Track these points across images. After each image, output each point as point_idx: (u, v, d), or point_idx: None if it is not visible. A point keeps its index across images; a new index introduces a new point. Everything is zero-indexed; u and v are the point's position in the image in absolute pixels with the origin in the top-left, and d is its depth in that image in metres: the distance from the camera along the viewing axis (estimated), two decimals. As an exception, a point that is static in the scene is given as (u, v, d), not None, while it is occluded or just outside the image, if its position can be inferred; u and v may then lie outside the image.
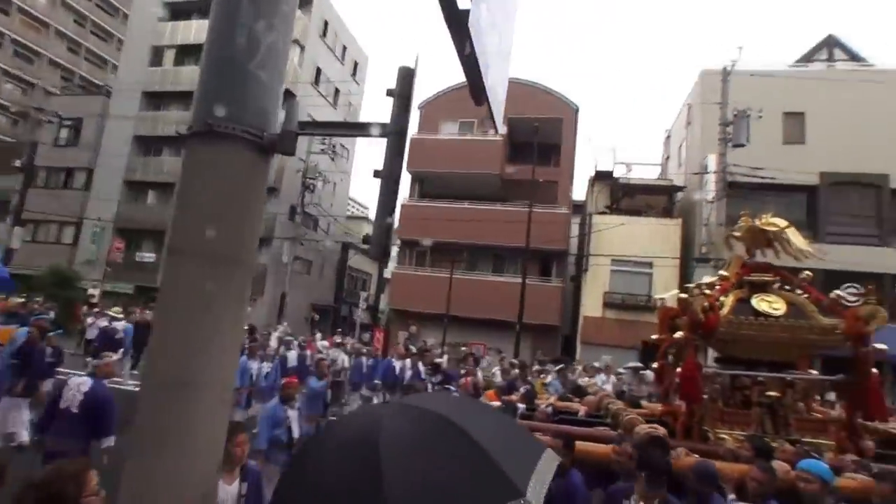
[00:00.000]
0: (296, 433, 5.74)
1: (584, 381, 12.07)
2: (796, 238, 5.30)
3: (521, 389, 8.26)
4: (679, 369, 5.35)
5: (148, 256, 28.43)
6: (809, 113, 20.26)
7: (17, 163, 26.63)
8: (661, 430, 4.36)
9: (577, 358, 20.81)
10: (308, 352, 13.56)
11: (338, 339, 18.45)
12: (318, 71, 30.54)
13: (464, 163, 25.05)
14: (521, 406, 6.35)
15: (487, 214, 24.18)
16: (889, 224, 19.32)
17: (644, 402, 7.50)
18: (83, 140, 30.06)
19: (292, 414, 5.80)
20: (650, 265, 21.00)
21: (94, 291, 24.47)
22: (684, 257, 20.79)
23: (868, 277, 12.33)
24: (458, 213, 24.48)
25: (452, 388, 7.62)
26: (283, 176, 26.91)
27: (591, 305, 21.85)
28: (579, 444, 4.15)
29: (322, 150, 26.98)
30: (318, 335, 19.51)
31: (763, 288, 5.28)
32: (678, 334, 5.28)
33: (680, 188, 23.23)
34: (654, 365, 6.79)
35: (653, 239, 20.97)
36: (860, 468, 4.07)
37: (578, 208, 26.21)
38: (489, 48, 2.70)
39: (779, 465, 3.76)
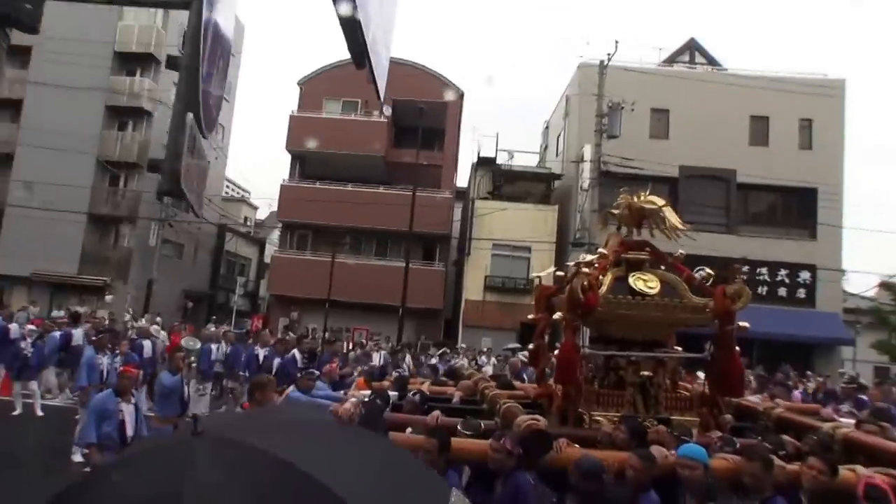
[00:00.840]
0: (129, 431, 5.07)
1: (459, 363, 12.20)
2: (672, 216, 5.30)
3: (394, 374, 7.88)
4: (555, 351, 5.25)
5: (-18, 237, 24.85)
6: (673, 110, 21.86)
7: None
8: (543, 422, 4.19)
9: (459, 341, 21.14)
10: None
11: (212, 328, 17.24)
12: None
13: (347, 143, 24.32)
14: (393, 394, 5.84)
15: (371, 197, 23.74)
16: (735, 214, 21.49)
17: (518, 384, 7.38)
18: None
19: (126, 408, 5.13)
20: (529, 249, 21.73)
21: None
22: (560, 242, 21.75)
23: (717, 261, 13.54)
24: (341, 195, 23.76)
25: (316, 373, 7.16)
26: (147, 151, 24.58)
27: (473, 289, 22.24)
28: (455, 441, 3.81)
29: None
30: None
31: (639, 266, 5.23)
32: (556, 315, 5.11)
33: (558, 176, 24.21)
34: (531, 346, 6.73)
35: (531, 224, 21.69)
36: (725, 444, 4.16)
37: (461, 194, 26.51)
38: (370, 9, 2.52)
39: (657, 451, 3.68)
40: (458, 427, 4.27)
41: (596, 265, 5.14)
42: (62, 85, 23.68)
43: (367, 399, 5.12)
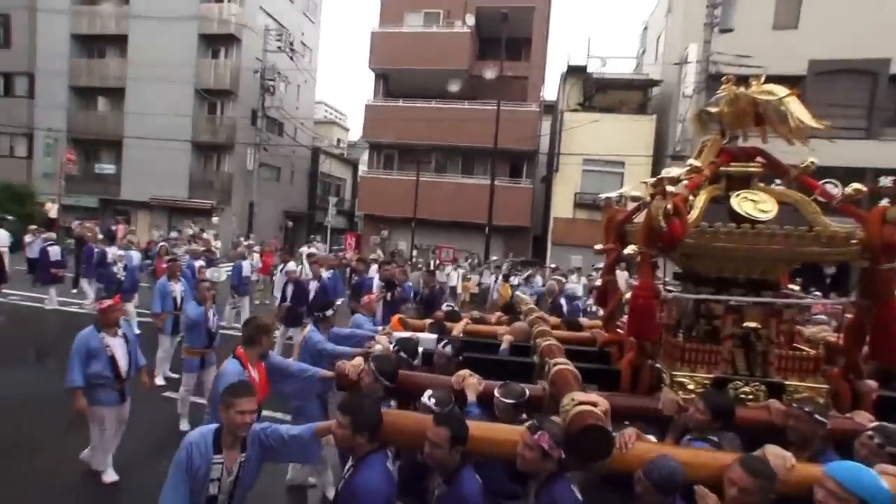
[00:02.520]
0: (122, 365, 4.78)
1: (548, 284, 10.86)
2: (800, 109, 3.65)
3: (444, 307, 6.35)
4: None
5: (108, 168, 27.24)
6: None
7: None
8: (602, 405, 2.73)
9: (548, 259, 20.74)
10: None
11: (309, 249, 18.04)
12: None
13: (430, 58, 23.47)
14: (430, 338, 4.36)
15: (455, 114, 23.03)
16: (881, 114, 18.18)
17: (587, 322, 6.10)
18: (16, 40, 27.60)
19: (114, 341, 4.76)
20: (622, 164, 20.36)
21: (52, 206, 23.47)
22: (657, 156, 20.13)
23: (850, 173, 11.92)
24: (425, 112, 23.29)
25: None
26: (238, 78, 25.24)
27: (562, 206, 21.41)
28: (474, 429, 2.75)
29: (279, 48, 25.13)
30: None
31: (746, 182, 3.88)
32: (629, 249, 3.63)
33: (656, 83, 22.09)
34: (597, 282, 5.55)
35: (625, 137, 20.16)
36: (886, 440, 2.70)
37: (549, 108, 25.09)
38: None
39: (776, 457, 2.54)
40: (495, 394, 3.23)
41: (685, 182, 3.75)
42: (158, 16, 24.62)
43: (395, 346, 4.12)
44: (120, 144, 26.52)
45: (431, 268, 14.72)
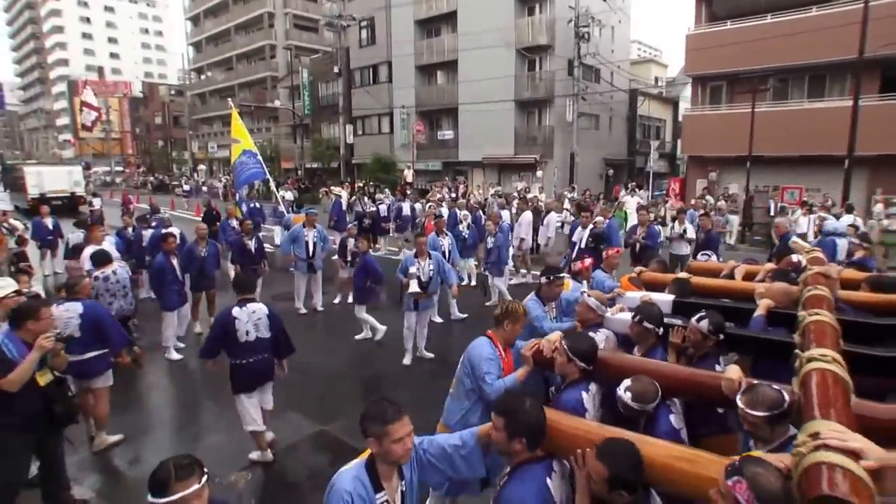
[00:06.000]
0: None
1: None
2: None
3: (700, 257, 5.19)
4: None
5: (448, 134, 31.36)
6: None
7: (336, 69, 31.26)
8: (860, 468, 1.55)
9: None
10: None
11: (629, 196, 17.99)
12: None
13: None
14: (667, 299, 3.64)
15: (799, 25, 19.45)
16: None
17: None
18: (378, 37, 33.42)
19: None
20: None
21: (408, 172, 28.42)
22: None
23: None
24: (758, 31, 20.29)
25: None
26: (554, 30, 25.87)
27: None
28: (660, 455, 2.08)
29: (590, -10, 24.74)
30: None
31: None
32: None
33: None
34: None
35: None
36: None
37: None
38: None
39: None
40: (737, 402, 2.28)
41: None
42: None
43: (635, 315, 3.37)
44: (455, 111, 30.14)
45: (772, 213, 13.25)
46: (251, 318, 4.71)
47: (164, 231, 8.52)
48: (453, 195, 21.21)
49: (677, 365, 3.04)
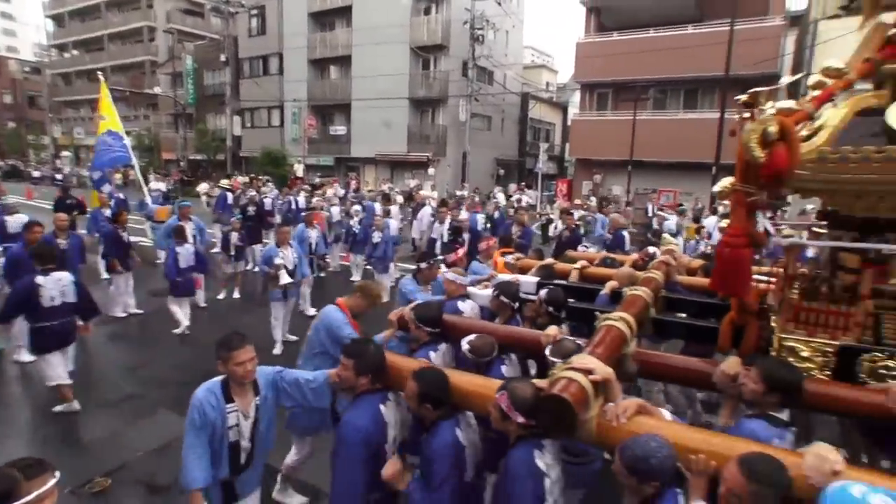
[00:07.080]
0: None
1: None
2: None
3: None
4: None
5: (340, 129, 30.40)
6: None
7: (223, 58, 29.26)
8: (588, 381, 2.24)
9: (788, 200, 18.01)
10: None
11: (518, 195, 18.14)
12: None
13: (646, -19, 21.40)
14: (531, 280, 4.17)
15: (677, 41, 20.79)
16: None
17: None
18: (269, 27, 31.80)
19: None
20: None
21: (299, 167, 27.13)
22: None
23: None
24: (642, 44, 21.45)
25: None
26: (449, 31, 25.87)
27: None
28: (458, 382, 2.64)
29: (487, -6, 25.02)
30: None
31: None
32: (719, 185, 2.88)
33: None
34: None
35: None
36: None
37: (796, 20, 21.18)
38: None
39: (815, 457, 1.84)
40: (546, 352, 2.93)
41: (812, 93, 2.73)
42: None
43: (494, 291, 3.95)
44: (349, 107, 29.30)
45: (649, 214, 13.81)
46: (57, 284, 5.11)
47: (29, 221, 6.94)
48: (343, 192, 20.41)
49: (500, 325, 3.67)
